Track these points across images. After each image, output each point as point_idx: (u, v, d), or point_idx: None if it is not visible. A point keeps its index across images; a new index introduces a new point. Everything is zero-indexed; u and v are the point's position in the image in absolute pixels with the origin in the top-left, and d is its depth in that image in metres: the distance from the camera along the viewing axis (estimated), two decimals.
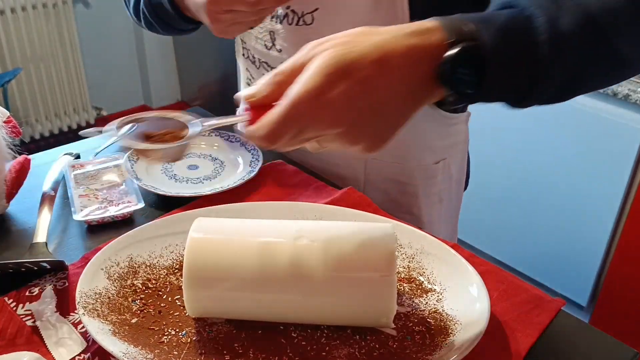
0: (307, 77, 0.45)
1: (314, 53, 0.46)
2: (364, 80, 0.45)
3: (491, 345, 0.57)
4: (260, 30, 0.77)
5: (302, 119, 0.45)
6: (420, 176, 0.82)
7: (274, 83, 0.47)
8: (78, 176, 0.79)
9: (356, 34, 0.48)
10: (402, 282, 0.64)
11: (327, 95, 0.44)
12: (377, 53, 0.46)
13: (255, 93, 0.48)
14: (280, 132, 0.46)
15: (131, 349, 0.54)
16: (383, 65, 0.46)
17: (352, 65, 0.45)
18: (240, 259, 0.55)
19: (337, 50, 0.45)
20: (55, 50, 2.72)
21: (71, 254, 0.69)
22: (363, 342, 0.57)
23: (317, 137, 0.48)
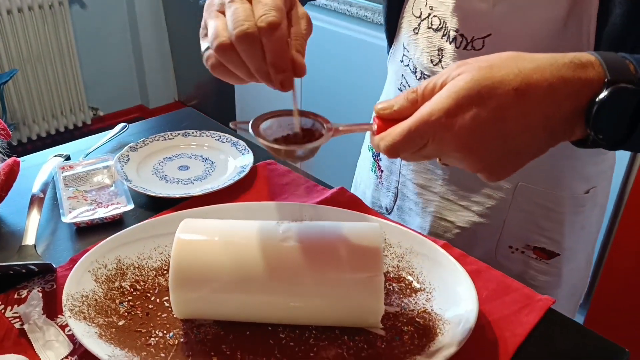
0: (439, 97, 0.45)
1: (454, 74, 0.46)
2: (496, 109, 0.44)
3: (480, 344, 0.57)
4: (429, 45, 0.74)
5: (425, 137, 0.45)
6: (569, 204, 0.77)
7: (408, 100, 0.48)
8: (67, 178, 0.79)
9: (504, 58, 0.46)
10: (391, 282, 0.64)
11: (455, 119, 0.44)
12: (519, 81, 0.44)
13: (388, 107, 0.49)
14: (402, 147, 0.46)
15: (117, 351, 0.53)
16: (523, 96, 0.43)
17: (487, 91, 0.44)
18: (227, 261, 0.55)
19: (476, 73, 0.44)
20: (51, 51, 2.71)
21: (60, 256, 0.69)
22: (351, 343, 0.56)
23: (439, 156, 0.48)
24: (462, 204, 0.81)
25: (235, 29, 0.48)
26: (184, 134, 0.92)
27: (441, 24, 0.71)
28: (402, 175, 0.86)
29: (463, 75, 0.45)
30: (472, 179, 0.78)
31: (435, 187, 0.82)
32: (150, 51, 3.12)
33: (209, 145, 0.91)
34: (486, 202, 0.78)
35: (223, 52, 0.50)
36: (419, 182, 0.84)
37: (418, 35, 0.75)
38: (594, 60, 0.45)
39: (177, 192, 0.78)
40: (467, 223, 0.80)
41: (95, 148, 0.89)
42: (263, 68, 0.49)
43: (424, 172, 0.82)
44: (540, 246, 0.79)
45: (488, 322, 0.59)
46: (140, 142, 0.88)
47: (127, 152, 0.85)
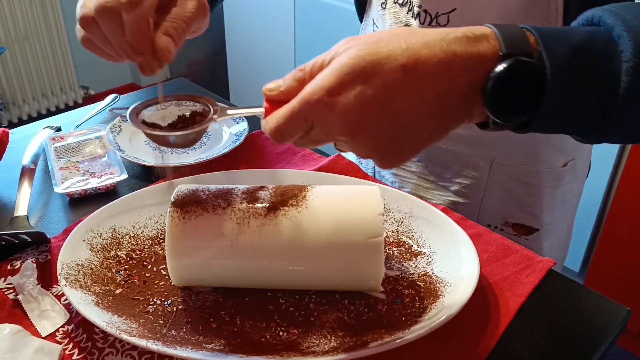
0: (322, 75, 0.41)
1: (341, 50, 0.42)
2: (383, 86, 0.40)
3: (481, 306, 0.56)
4: (396, 21, 0.71)
5: (308, 118, 0.42)
6: (547, 178, 0.75)
7: (295, 79, 0.44)
8: (59, 149, 0.78)
9: (394, 33, 0.42)
10: (391, 246, 0.63)
11: (338, 97, 0.40)
12: (407, 57, 0.40)
13: (275, 87, 0.45)
14: (286, 129, 0.43)
15: (115, 318, 0.52)
16: (411, 71, 0.40)
17: (373, 67, 0.40)
18: (223, 226, 0.54)
19: (362, 49, 0.41)
20: (40, 30, 2.66)
21: (53, 227, 0.68)
22: (352, 307, 0.56)
23: (327, 139, 0.44)
24: (439, 183, 0.79)
25: (97, 2, 0.46)
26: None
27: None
28: None
29: (349, 50, 0.41)
30: (449, 157, 0.76)
31: (411, 167, 0.81)
32: None
33: None
34: (462, 181, 0.77)
35: (85, 25, 0.48)
36: None
37: (385, 11, 0.73)
38: (488, 33, 0.41)
39: (171, 162, 0.77)
40: (444, 202, 0.79)
41: (86, 119, 0.87)
42: (124, 46, 0.47)
43: None
44: (520, 222, 0.78)
45: (489, 284, 0.59)
46: (109, 114, 0.86)
47: (119, 122, 0.84)
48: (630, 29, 0.40)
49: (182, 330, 0.53)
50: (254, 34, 2.52)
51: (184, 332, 0.53)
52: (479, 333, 0.54)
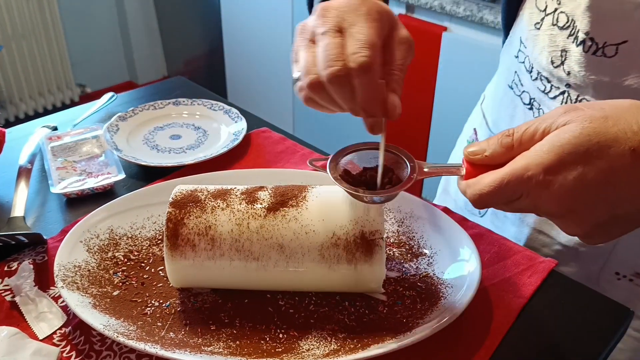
0: (539, 150, 0.40)
1: (560, 122, 0.40)
2: (608, 170, 0.38)
3: (482, 307, 0.56)
4: (551, 44, 0.65)
5: (517, 192, 0.41)
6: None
7: (502, 145, 0.43)
8: (55, 148, 0.77)
9: (623, 108, 0.39)
10: (391, 247, 0.63)
11: (557, 177, 0.39)
12: (638, 141, 0.37)
13: (479, 151, 0.44)
14: (491, 198, 0.42)
15: (112, 321, 0.52)
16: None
17: (598, 149, 0.38)
18: (222, 227, 0.53)
19: (587, 126, 0.38)
20: (36, 28, 2.65)
21: (50, 228, 0.67)
22: (352, 309, 0.55)
23: (533, 212, 0.43)
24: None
25: (325, 69, 0.45)
26: (175, 103, 0.89)
27: (569, 22, 0.62)
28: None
29: (571, 125, 0.39)
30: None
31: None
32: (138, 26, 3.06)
33: (201, 114, 0.88)
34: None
35: (315, 91, 0.47)
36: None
37: (539, 31, 0.66)
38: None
39: (169, 162, 0.76)
40: (570, 241, 0.71)
41: (83, 118, 0.86)
42: (355, 108, 0.46)
43: None
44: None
45: (491, 285, 0.58)
46: (130, 111, 0.86)
47: (116, 121, 0.83)
48: None
49: (181, 333, 0.52)
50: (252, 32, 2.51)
51: (182, 335, 0.52)
52: (481, 335, 0.53)
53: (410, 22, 1.77)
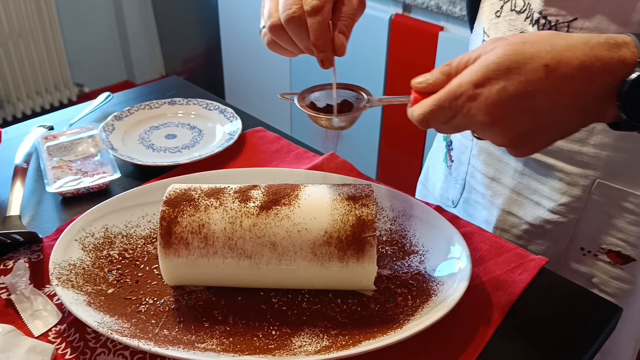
0: (468, 70, 0.46)
1: (488, 49, 0.46)
2: (525, 82, 0.44)
3: (473, 304, 0.56)
4: (511, 28, 0.70)
5: (453, 107, 0.47)
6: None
7: (443, 73, 0.49)
8: (51, 148, 0.77)
9: (540, 35, 0.46)
10: (384, 245, 0.63)
11: (482, 90, 0.45)
12: (550, 58, 0.44)
13: (424, 80, 0.50)
14: (432, 116, 0.49)
15: (107, 318, 0.52)
16: (552, 71, 0.43)
17: (517, 65, 0.44)
18: (215, 226, 0.54)
19: (509, 48, 0.45)
20: (34, 27, 2.65)
21: (46, 227, 0.67)
22: (344, 306, 0.56)
23: (468, 127, 0.48)
24: (533, 199, 0.75)
25: (283, 12, 0.53)
26: (171, 102, 0.90)
27: (525, 5, 0.67)
28: (472, 165, 0.81)
29: (496, 49, 0.45)
30: (547, 172, 0.73)
31: (506, 180, 0.77)
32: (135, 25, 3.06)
33: (196, 113, 0.89)
34: (560, 198, 0.72)
35: (275, 32, 0.55)
36: (488, 174, 0.78)
37: (500, 19, 0.71)
38: (629, 41, 0.44)
39: (165, 161, 0.77)
40: (537, 219, 0.74)
41: (79, 118, 0.87)
42: (310, 46, 0.53)
43: (495, 162, 0.77)
44: (616, 250, 0.72)
45: (482, 282, 0.59)
46: (126, 111, 0.86)
47: (112, 121, 0.84)
48: None
49: (175, 330, 0.53)
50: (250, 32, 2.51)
51: (176, 332, 0.53)
52: (471, 331, 0.54)
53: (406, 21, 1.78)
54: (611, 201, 0.70)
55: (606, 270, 0.73)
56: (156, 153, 0.80)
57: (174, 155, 0.80)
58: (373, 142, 1.96)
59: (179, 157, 0.78)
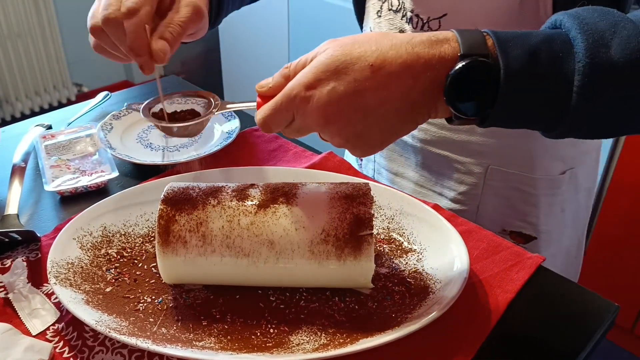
0: (301, 73, 0.47)
1: (321, 50, 0.47)
2: (353, 82, 0.45)
3: (470, 302, 0.57)
4: (391, 27, 0.72)
5: (289, 110, 0.47)
6: (543, 186, 0.75)
7: (282, 76, 0.50)
8: (49, 147, 0.77)
9: (369, 36, 0.47)
10: (381, 243, 0.63)
11: (314, 91, 0.46)
12: (375, 57, 0.45)
13: (265, 84, 0.51)
14: (271, 120, 0.49)
15: (105, 317, 0.52)
16: (378, 70, 0.44)
17: (345, 66, 0.45)
18: (213, 224, 0.54)
19: (338, 49, 0.46)
20: (32, 27, 2.65)
21: (44, 226, 0.67)
22: (342, 304, 0.56)
23: (307, 129, 0.49)
24: (436, 190, 0.79)
25: (101, 13, 0.53)
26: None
27: (400, 4, 0.70)
28: (377, 162, 0.85)
29: (327, 50, 0.46)
30: (444, 164, 0.77)
31: (409, 173, 0.81)
32: None
33: None
34: (458, 187, 0.77)
35: (95, 34, 0.55)
36: (392, 169, 0.82)
37: (381, 19, 0.74)
38: (450, 37, 0.45)
39: (163, 160, 0.77)
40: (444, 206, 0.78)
41: (77, 117, 0.87)
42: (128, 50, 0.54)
43: (397, 157, 0.81)
44: (517, 230, 0.77)
45: (479, 281, 0.59)
46: (124, 110, 0.86)
47: (110, 120, 0.84)
48: (585, 31, 0.43)
49: (173, 328, 0.53)
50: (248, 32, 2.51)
51: (174, 330, 0.53)
52: (469, 329, 0.54)
53: None
54: (506, 185, 0.75)
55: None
56: (154, 152, 0.80)
57: (172, 154, 0.80)
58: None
59: (177, 156, 0.79)
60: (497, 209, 0.76)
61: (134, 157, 0.77)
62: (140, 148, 0.81)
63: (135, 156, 0.77)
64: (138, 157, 0.77)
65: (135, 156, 0.77)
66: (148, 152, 0.80)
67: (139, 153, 0.79)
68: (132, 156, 0.77)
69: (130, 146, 0.81)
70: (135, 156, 0.77)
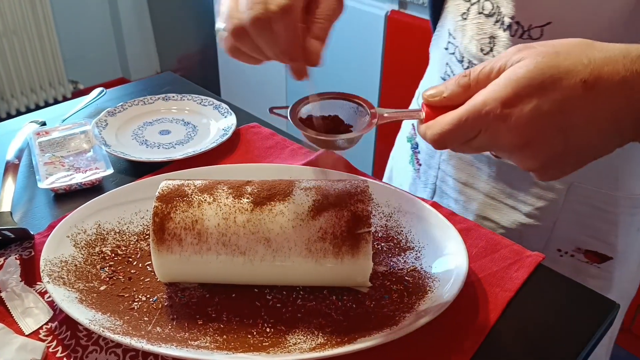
0: (495, 85, 0.41)
1: (515, 59, 0.41)
2: (561, 101, 0.39)
3: (469, 301, 0.56)
4: (479, 32, 0.66)
5: (476, 128, 0.42)
6: (625, 205, 0.70)
7: (459, 85, 0.44)
8: (43, 143, 0.76)
9: (572, 44, 0.41)
10: (379, 242, 0.63)
11: (513, 110, 0.40)
12: (588, 73, 0.39)
13: (437, 93, 0.45)
14: (450, 137, 0.43)
15: (99, 316, 0.52)
16: (591, 89, 0.39)
17: (552, 81, 0.39)
18: (209, 222, 0.53)
19: (540, 60, 0.40)
20: (28, 24, 2.63)
21: (38, 223, 0.67)
22: (339, 303, 0.55)
23: (492, 148, 0.44)
24: (509, 203, 0.74)
25: (246, 12, 0.45)
26: (165, 98, 0.89)
27: (494, 8, 0.64)
28: (442, 170, 0.80)
29: (525, 61, 0.41)
30: (521, 177, 0.72)
31: (479, 184, 0.76)
32: (130, 22, 3.04)
33: (190, 109, 0.88)
34: (536, 203, 0.72)
35: (237, 36, 0.47)
36: (460, 179, 0.77)
37: (467, 21, 0.68)
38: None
39: (158, 157, 0.76)
40: (513, 224, 0.74)
41: (71, 114, 0.86)
42: (278, 53, 0.47)
43: (466, 167, 0.76)
44: (593, 249, 0.73)
45: (478, 279, 0.58)
46: (119, 106, 0.85)
47: (105, 116, 0.83)
48: None
49: (168, 327, 0.52)
50: None
51: (169, 329, 0.52)
52: (468, 328, 0.53)
53: (402, 17, 1.77)
54: (585, 202, 0.70)
55: (584, 269, 0.73)
56: (150, 149, 0.79)
57: (167, 151, 0.79)
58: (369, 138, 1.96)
59: (173, 153, 0.78)
60: (573, 227, 0.71)
61: (129, 154, 0.76)
62: (135, 145, 0.80)
63: (131, 153, 0.77)
64: (133, 154, 0.76)
65: (130, 153, 0.76)
66: (143, 149, 0.79)
67: (134, 150, 0.78)
68: (127, 153, 0.76)
69: (126, 143, 0.80)
70: (130, 153, 0.76)
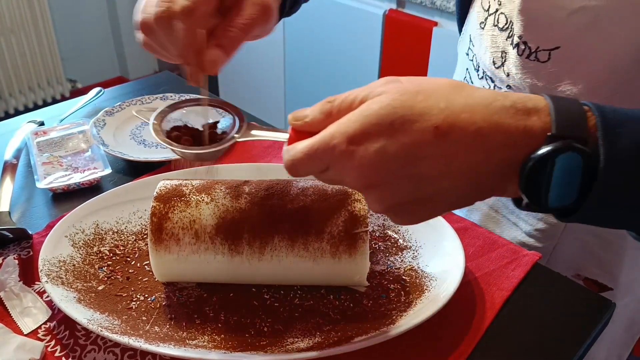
0: (346, 119, 0.38)
1: (376, 92, 0.38)
2: (409, 145, 0.36)
3: (466, 300, 0.56)
4: (493, 44, 0.64)
5: (324, 161, 0.39)
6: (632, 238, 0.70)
7: (322, 112, 0.41)
8: (41, 143, 0.76)
9: (439, 85, 0.38)
10: (377, 241, 0.63)
11: (358, 147, 0.37)
12: (443, 119, 0.36)
13: (301, 117, 0.42)
14: (301, 166, 0.40)
15: (97, 315, 0.52)
16: (444, 135, 0.36)
17: (402, 122, 0.36)
18: (206, 221, 0.53)
19: (397, 98, 0.37)
20: (26, 22, 2.63)
21: (36, 223, 0.67)
22: (337, 302, 0.55)
23: (342, 184, 0.41)
24: (510, 219, 0.72)
25: (153, 8, 0.46)
26: (162, 98, 0.89)
27: (507, 23, 0.61)
28: None
29: (382, 96, 0.38)
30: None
31: None
32: (128, 21, 3.04)
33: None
34: (537, 224, 0.69)
35: (146, 30, 0.48)
36: None
37: (484, 31, 0.66)
38: (542, 107, 0.36)
39: (156, 156, 0.76)
40: (513, 239, 0.72)
41: (69, 113, 0.86)
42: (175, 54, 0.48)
43: None
44: (593, 278, 0.70)
45: (475, 278, 0.59)
46: (117, 106, 0.85)
47: (103, 116, 0.83)
48: None
49: (166, 327, 0.52)
50: None
51: (167, 329, 0.52)
52: (465, 327, 0.54)
53: (400, 17, 1.77)
54: (590, 230, 0.68)
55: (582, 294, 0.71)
56: (148, 149, 0.80)
57: (165, 151, 0.79)
58: None
59: (171, 153, 0.78)
60: (574, 253, 0.69)
61: (127, 154, 0.76)
62: (133, 145, 0.80)
63: (129, 153, 0.77)
64: (131, 153, 0.77)
65: (128, 153, 0.77)
66: (141, 148, 0.80)
67: (132, 150, 0.78)
68: (125, 153, 0.76)
69: (124, 143, 0.80)
70: (128, 153, 0.77)
